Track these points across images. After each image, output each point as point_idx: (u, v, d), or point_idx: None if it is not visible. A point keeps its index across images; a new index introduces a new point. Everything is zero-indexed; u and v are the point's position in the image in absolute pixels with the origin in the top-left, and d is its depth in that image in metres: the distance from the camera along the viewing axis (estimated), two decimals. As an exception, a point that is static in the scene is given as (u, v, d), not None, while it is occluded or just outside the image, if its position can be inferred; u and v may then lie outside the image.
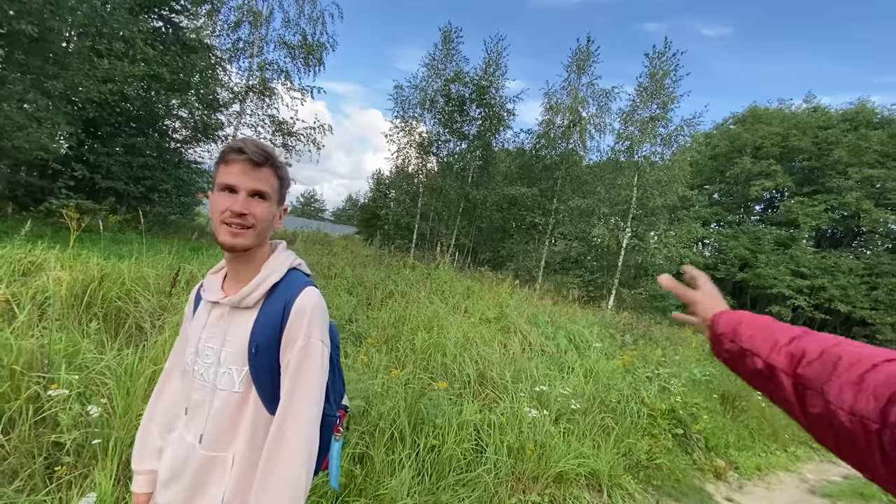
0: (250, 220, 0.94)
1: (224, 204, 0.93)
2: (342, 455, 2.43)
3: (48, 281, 3.27)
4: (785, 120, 24.17)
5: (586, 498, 3.21)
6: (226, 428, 0.96)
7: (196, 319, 1.05)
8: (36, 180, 9.26)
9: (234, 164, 0.94)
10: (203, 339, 1.00)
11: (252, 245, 0.97)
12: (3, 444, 2.00)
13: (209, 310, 1.02)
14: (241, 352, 0.95)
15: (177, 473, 0.98)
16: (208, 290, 1.04)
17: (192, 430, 0.99)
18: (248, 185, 0.94)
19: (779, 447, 5.42)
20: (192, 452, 0.97)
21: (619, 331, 6.92)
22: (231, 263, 1.02)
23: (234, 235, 0.94)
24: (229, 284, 1.04)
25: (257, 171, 0.95)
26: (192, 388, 1.01)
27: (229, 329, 0.98)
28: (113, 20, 7.57)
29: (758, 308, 22.66)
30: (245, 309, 0.98)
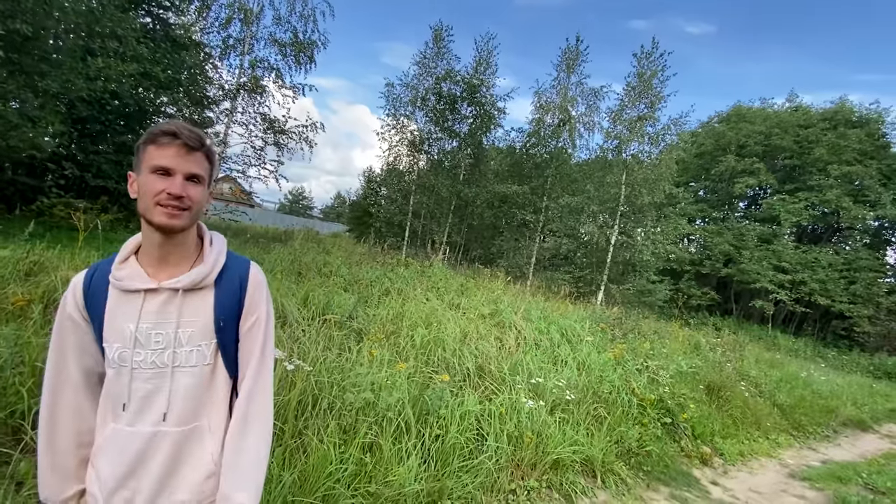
0: (187, 203, 0.97)
1: (159, 186, 0.95)
2: (353, 445, 2.57)
3: (57, 280, 3.33)
4: (767, 119, 24.75)
5: (581, 483, 3.38)
6: (197, 399, 1.02)
7: (114, 315, 0.98)
8: (26, 179, 9.16)
9: (167, 148, 0.96)
10: (145, 329, 0.98)
11: (188, 226, 1.01)
12: (33, 438, 2.09)
13: (141, 299, 0.99)
14: (206, 328, 1.02)
15: (137, 465, 0.98)
16: (128, 279, 0.99)
17: (148, 416, 0.99)
18: (184, 168, 0.97)
19: (761, 434, 5.67)
20: (155, 437, 0.98)
21: (610, 325, 7.13)
22: (160, 246, 1.00)
23: (171, 217, 0.96)
24: (157, 269, 1.02)
25: (192, 155, 0.98)
26: (132, 380, 0.98)
27: (184, 311, 1.00)
28: (105, 18, 7.52)
29: (741, 302, 23.24)
30: (199, 289, 1.03)
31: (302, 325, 3.90)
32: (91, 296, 1.01)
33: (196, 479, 1.01)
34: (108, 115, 9.91)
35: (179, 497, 1.01)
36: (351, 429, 2.70)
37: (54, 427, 1.02)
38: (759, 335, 19.46)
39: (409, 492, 2.55)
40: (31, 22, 6.41)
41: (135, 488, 0.98)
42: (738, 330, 17.28)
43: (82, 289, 1.02)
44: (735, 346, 9.00)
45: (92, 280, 1.02)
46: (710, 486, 4.07)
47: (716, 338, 10.08)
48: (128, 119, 10.57)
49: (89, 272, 1.04)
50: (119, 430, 0.99)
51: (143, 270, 1.01)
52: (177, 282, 0.99)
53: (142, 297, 0.98)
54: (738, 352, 8.56)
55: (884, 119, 23.21)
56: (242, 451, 1.03)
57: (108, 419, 1.01)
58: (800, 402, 7.23)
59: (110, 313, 0.99)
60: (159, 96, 10.60)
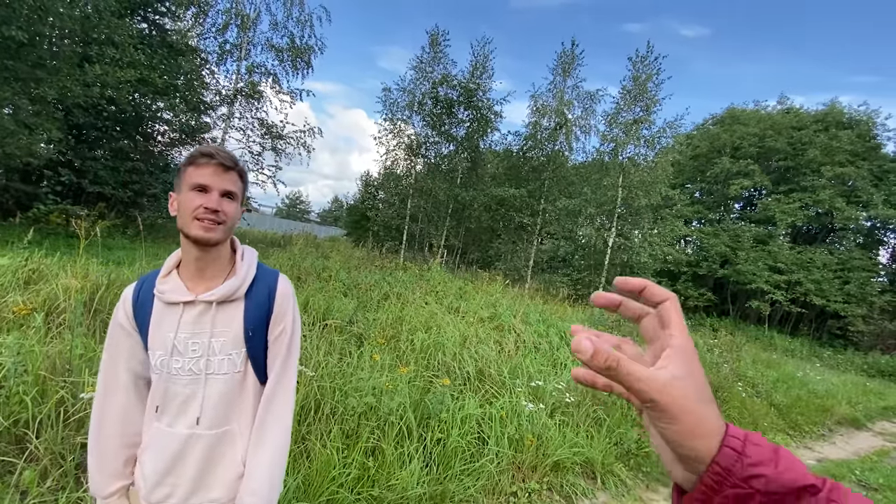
0: (222, 217, 1.05)
1: (197, 202, 1.03)
2: (356, 449, 2.59)
3: (58, 288, 3.34)
4: (761, 121, 24.97)
5: (581, 485, 3.41)
6: (228, 405, 1.10)
7: (157, 325, 1.07)
8: (22, 186, 9.13)
9: (205, 167, 1.05)
10: (183, 339, 1.06)
11: (222, 239, 1.08)
12: (38, 447, 2.10)
13: (180, 311, 1.07)
14: (237, 337, 1.09)
15: (175, 463, 1.07)
16: (170, 293, 1.08)
17: (184, 419, 1.07)
18: (220, 185, 1.06)
19: (759, 435, 5.70)
20: (190, 439, 1.07)
21: (608, 327, 7.17)
22: (197, 259, 1.09)
23: (207, 230, 1.04)
24: (195, 282, 1.10)
25: (227, 174, 1.07)
26: (170, 385, 1.07)
27: (217, 321, 1.08)
28: (102, 24, 7.54)
29: (738, 303, 23.37)
30: (232, 301, 1.10)
31: (303, 330, 3.91)
32: (139, 307, 1.10)
33: (229, 479, 1.09)
34: (105, 121, 9.91)
35: (214, 494, 1.09)
36: (353, 433, 2.72)
37: (103, 428, 1.10)
38: (755, 335, 19.57)
39: (411, 495, 2.57)
40: (26, 28, 6.42)
41: (173, 484, 1.07)
42: (734, 330, 17.35)
43: (132, 301, 1.11)
44: (732, 346, 9.05)
45: (140, 292, 1.11)
46: (709, 486, 4.10)
47: (713, 338, 10.14)
48: (125, 125, 10.57)
49: (137, 285, 1.13)
50: (161, 430, 1.08)
51: (183, 284, 1.09)
52: (210, 294, 1.07)
53: (181, 308, 1.07)
54: (735, 352, 8.61)
55: (874, 120, 23.47)
56: (258, 455, 1.10)
57: (152, 419, 1.10)
58: (796, 401, 7.28)
59: (154, 323, 1.07)
60: (156, 102, 10.62)
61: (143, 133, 11.51)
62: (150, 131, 11.85)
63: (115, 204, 10.22)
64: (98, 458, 1.10)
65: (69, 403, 2.29)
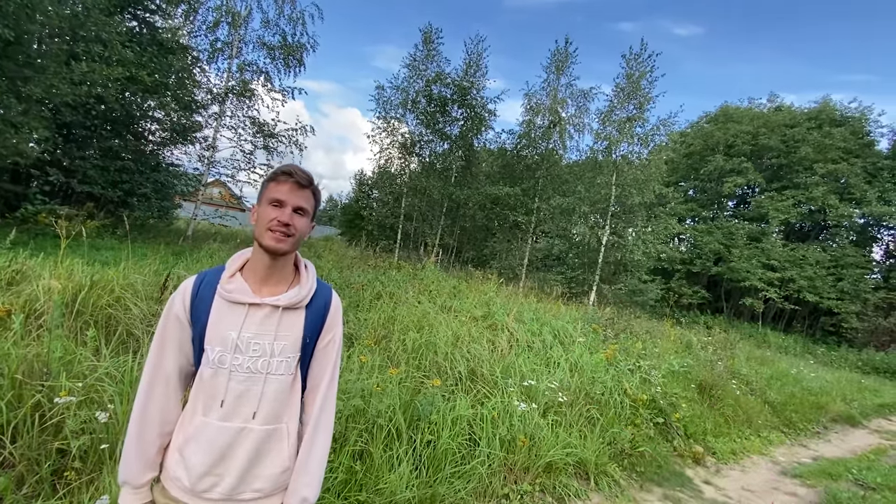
0: (292, 230, 1.13)
1: (272, 214, 1.12)
2: (343, 453, 2.54)
3: (39, 289, 3.26)
4: (755, 119, 25.08)
5: (574, 486, 3.37)
6: (281, 403, 1.17)
7: (219, 322, 1.13)
8: (10, 186, 8.99)
9: (283, 184, 1.14)
10: (246, 338, 1.12)
11: (290, 251, 1.16)
12: (13, 453, 2.03)
13: (244, 312, 1.14)
14: (295, 343, 1.18)
15: (222, 456, 1.12)
16: (236, 293, 1.14)
17: (239, 414, 1.13)
18: (294, 201, 1.14)
19: (752, 432, 5.71)
20: (243, 433, 1.13)
21: (602, 325, 7.15)
22: (265, 266, 1.17)
23: (278, 241, 1.12)
24: (259, 286, 1.17)
25: (302, 192, 1.16)
26: (229, 381, 1.12)
27: (280, 326, 1.16)
28: (90, 22, 7.42)
29: (732, 300, 23.48)
30: (296, 308, 1.18)
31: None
32: (198, 301, 1.16)
33: (274, 472, 1.16)
34: (93, 119, 9.77)
35: (258, 485, 1.15)
36: (341, 436, 2.66)
37: (145, 418, 1.15)
38: (749, 333, 19.66)
39: (400, 499, 2.52)
40: (14, 26, 6.30)
41: (221, 474, 1.12)
42: (728, 328, 17.42)
43: (191, 294, 1.17)
44: (726, 344, 9.06)
45: (200, 288, 1.18)
46: (702, 485, 4.08)
47: (707, 336, 10.16)
48: (115, 124, 10.42)
49: (197, 280, 1.19)
50: (209, 423, 1.12)
51: (248, 286, 1.16)
52: (277, 300, 1.15)
53: (246, 309, 1.14)
54: (729, 350, 8.62)
55: (867, 117, 23.62)
56: (312, 453, 1.20)
57: (198, 413, 1.14)
58: (790, 399, 7.29)
59: (215, 320, 1.13)
60: (146, 100, 10.47)
61: (134, 132, 11.36)
62: (142, 130, 11.70)
63: (105, 204, 10.09)
64: (137, 446, 1.14)
65: (46, 408, 2.22)
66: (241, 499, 1.14)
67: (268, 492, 1.16)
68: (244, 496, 1.14)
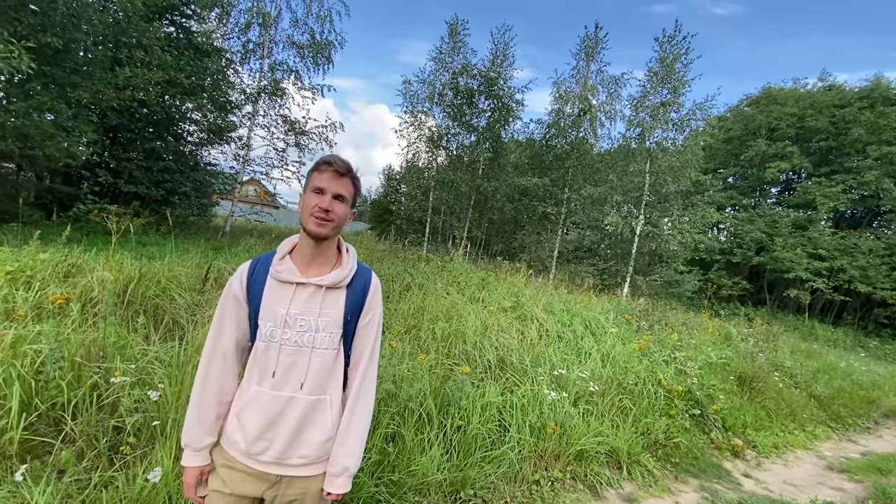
0: (332, 216, 1.22)
1: (314, 201, 1.22)
2: (376, 435, 2.61)
3: (93, 281, 3.49)
4: (800, 100, 23.65)
5: (606, 474, 3.34)
6: (325, 376, 1.27)
7: (271, 299, 1.24)
8: (63, 187, 9.59)
9: (325, 173, 1.23)
10: (294, 314, 1.23)
11: (330, 235, 1.26)
12: (73, 429, 2.20)
13: (292, 290, 1.24)
14: (337, 319, 1.27)
15: (273, 422, 1.23)
16: (285, 273, 1.25)
17: (288, 384, 1.23)
18: (334, 189, 1.23)
19: (797, 426, 5.47)
20: (291, 401, 1.23)
21: (635, 316, 6.99)
22: (310, 249, 1.27)
23: (318, 225, 1.22)
24: (305, 268, 1.28)
25: (341, 180, 1.24)
26: (279, 353, 1.23)
27: (324, 303, 1.26)
28: (131, 29, 7.79)
29: (775, 292, 22.41)
30: (337, 288, 1.28)
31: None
32: (254, 281, 1.27)
33: (318, 440, 1.26)
34: (137, 122, 10.27)
35: (304, 452, 1.25)
36: (374, 419, 2.74)
37: (205, 388, 1.27)
38: (794, 325, 18.73)
39: (431, 481, 2.58)
40: (61, 35, 6.69)
41: (271, 439, 1.23)
42: (771, 320, 16.65)
43: (247, 275, 1.29)
44: (768, 336, 8.69)
45: (255, 269, 1.29)
46: (742, 478, 3.95)
47: (748, 328, 9.76)
48: (156, 126, 10.94)
49: (253, 263, 1.31)
50: (263, 392, 1.23)
51: (296, 268, 1.26)
52: (321, 280, 1.25)
53: (293, 288, 1.24)
54: (771, 342, 8.27)
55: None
56: (352, 423, 1.29)
57: (253, 383, 1.25)
58: (839, 393, 6.93)
59: (267, 298, 1.24)
60: (184, 103, 10.92)
61: (174, 133, 11.89)
62: (180, 132, 12.22)
63: (149, 202, 10.62)
64: (198, 412, 1.26)
65: (102, 388, 2.39)
66: (288, 464, 1.24)
67: (312, 459, 1.26)
68: (291, 461, 1.24)
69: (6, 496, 1.79)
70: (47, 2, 6.36)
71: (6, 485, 1.84)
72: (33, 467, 1.96)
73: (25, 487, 1.81)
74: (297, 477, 1.26)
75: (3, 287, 3.03)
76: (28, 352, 2.37)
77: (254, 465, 1.24)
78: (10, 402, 2.07)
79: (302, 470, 1.25)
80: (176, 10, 11.00)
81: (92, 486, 1.95)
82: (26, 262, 3.58)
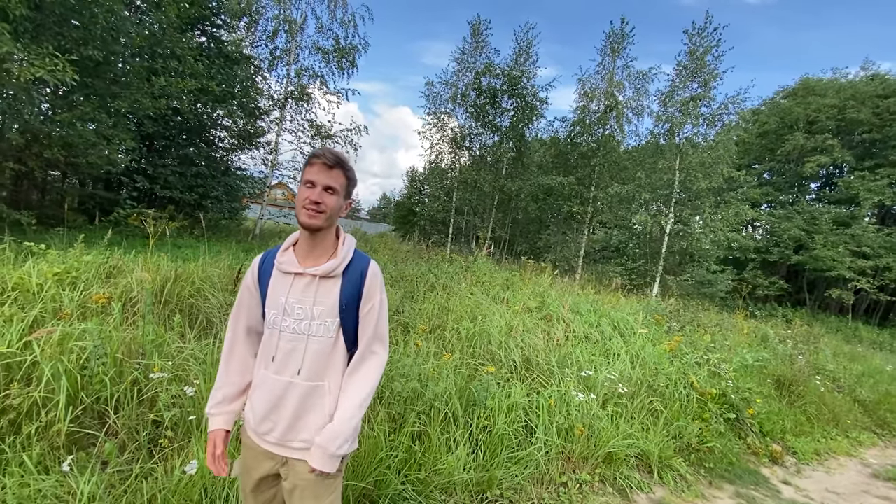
0: (322, 207, 1.25)
1: (305, 194, 1.26)
2: (402, 433, 2.62)
3: (132, 282, 3.65)
4: (841, 90, 22.52)
5: (636, 478, 3.26)
6: (321, 364, 1.31)
7: (273, 289, 1.32)
8: (104, 193, 10.06)
9: (314, 166, 1.27)
10: (291, 303, 1.29)
11: (322, 226, 1.28)
12: (116, 422, 2.30)
13: (291, 280, 1.30)
14: (332, 308, 1.30)
15: (275, 405, 1.30)
16: (285, 264, 1.31)
17: (287, 369, 1.29)
18: (323, 181, 1.26)
19: (840, 432, 5.21)
20: (290, 386, 1.29)
21: (666, 317, 6.80)
22: (307, 240, 1.32)
23: (309, 217, 1.25)
24: (303, 259, 1.33)
25: (330, 171, 1.27)
26: (280, 340, 1.29)
27: (318, 292, 1.30)
28: (166, 40, 8.12)
29: (815, 292, 21.40)
30: (331, 277, 1.31)
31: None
32: (263, 273, 1.36)
33: (318, 424, 1.29)
34: (171, 130, 10.70)
35: (304, 436, 1.29)
36: (400, 417, 2.76)
37: (228, 366, 1.40)
38: (836, 327, 17.83)
39: (458, 480, 2.58)
40: (102, 48, 7.02)
41: (275, 421, 1.30)
42: (812, 321, 15.90)
43: (258, 267, 1.38)
44: (808, 338, 8.30)
45: (264, 262, 1.38)
46: (780, 485, 3.79)
47: (786, 329, 9.34)
48: (189, 133, 11.36)
49: (263, 256, 1.40)
50: (268, 376, 1.31)
51: (296, 259, 1.32)
52: (315, 270, 1.30)
53: (292, 278, 1.30)
54: (811, 344, 7.89)
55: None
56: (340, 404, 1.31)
57: (261, 367, 1.34)
58: (885, 397, 6.55)
59: (272, 287, 1.32)
60: (215, 110, 11.31)
61: (206, 140, 12.32)
62: (212, 138, 12.66)
63: (183, 206, 11.03)
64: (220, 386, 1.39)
65: (142, 384, 2.50)
66: (291, 446, 1.30)
67: (311, 443, 1.29)
68: (293, 444, 1.30)
69: (54, 485, 1.89)
70: (88, 17, 6.70)
71: (54, 474, 1.95)
72: (79, 458, 2.06)
73: (72, 477, 1.91)
74: (299, 461, 1.29)
75: (51, 287, 3.20)
76: (74, 348, 2.49)
77: (260, 443, 1.32)
78: (58, 395, 2.18)
79: (303, 454, 1.29)
80: (207, 20, 11.40)
81: (133, 476, 2.03)
82: (72, 264, 3.76)
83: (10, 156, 7.31)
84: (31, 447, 2.03)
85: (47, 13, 6.39)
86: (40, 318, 2.86)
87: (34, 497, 1.83)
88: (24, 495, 1.81)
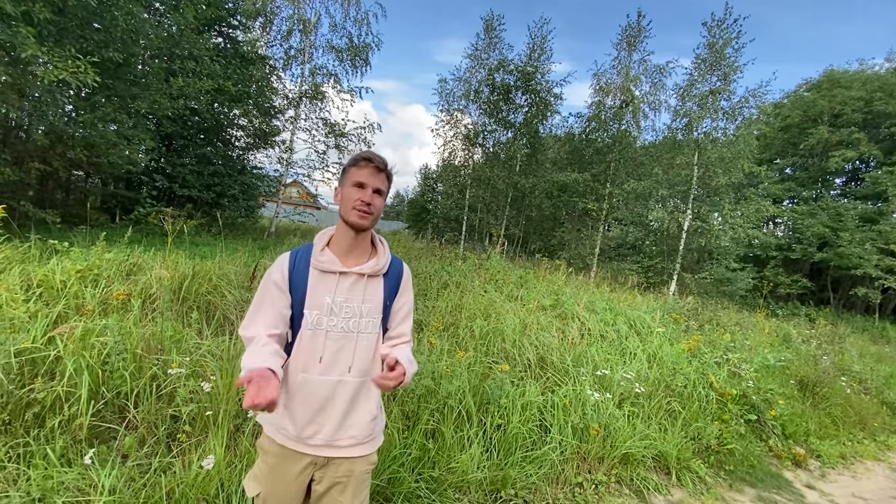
0: (372, 209, 1.29)
1: (356, 195, 1.28)
2: (416, 430, 2.62)
3: (151, 279, 3.71)
4: (867, 82, 21.76)
5: (654, 479, 3.20)
6: (369, 359, 1.35)
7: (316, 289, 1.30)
8: (125, 192, 10.29)
9: (365, 168, 1.29)
10: (339, 301, 1.30)
11: (370, 227, 1.34)
12: (135, 416, 2.35)
13: (336, 279, 1.31)
14: (379, 305, 1.35)
15: (322, 406, 1.30)
16: (327, 263, 1.32)
17: (336, 368, 1.30)
18: (374, 184, 1.30)
19: (866, 436, 5.05)
20: (340, 385, 1.30)
21: (684, 315, 6.67)
22: (350, 240, 1.34)
23: (360, 217, 1.29)
24: (345, 258, 1.35)
25: (379, 175, 1.31)
26: (327, 339, 1.29)
27: (367, 290, 1.34)
28: (184, 41, 8.24)
29: (840, 290, 20.79)
30: (377, 276, 1.36)
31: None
32: (296, 273, 1.33)
33: (365, 420, 1.34)
34: (189, 130, 10.89)
35: (352, 433, 1.32)
36: (413, 415, 2.76)
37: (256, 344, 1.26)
38: (863, 327, 17.29)
39: (472, 479, 2.56)
40: (122, 50, 7.16)
41: (321, 423, 1.30)
42: (836, 321, 15.44)
43: (288, 266, 1.34)
44: (833, 338, 8.06)
45: (296, 262, 1.34)
46: (804, 489, 3.68)
47: (809, 329, 9.09)
48: (207, 133, 11.54)
49: (292, 256, 1.36)
50: (310, 378, 1.29)
51: (336, 258, 1.33)
52: (362, 268, 1.33)
53: (336, 277, 1.31)
54: (836, 344, 7.66)
55: None
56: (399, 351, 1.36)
57: (299, 371, 1.30)
58: (916, 400, 6.33)
59: (312, 288, 1.30)
60: (232, 109, 11.46)
61: (223, 139, 12.50)
62: (229, 137, 12.84)
63: (201, 205, 11.22)
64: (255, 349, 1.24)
65: (161, 379, 2.54)
66: (338, 445, 1.31)
67: (360, 439, 1.33)
68: (341, 442, 1.31)
69: (76, 477, 1.93)
70: (109, 19, 6.83)
71: (76, 467, 1.99)
72: (100, 451, 2.10)
73: (93, 470, 1.95)
74: (345, 458, 1.32)
75: (74, 284, 3.28)
76: (95, 344, 2.54)
77: (303, 449, 1.30)
78: (80, 389, 2.22)
79: (350, 451, 1.32)
80: (223, 21, 11.55)
81: (152, 470, 2.06)
82: (93, 261, 3.85)
83: (35, 156, 7.52)
84: (55, 440, 2.08)
85: (70, 17, 6.53)
86: (63, 314, 2.93)
87: (57, 489, 1.87)
88: (47, 487, 1.86)
